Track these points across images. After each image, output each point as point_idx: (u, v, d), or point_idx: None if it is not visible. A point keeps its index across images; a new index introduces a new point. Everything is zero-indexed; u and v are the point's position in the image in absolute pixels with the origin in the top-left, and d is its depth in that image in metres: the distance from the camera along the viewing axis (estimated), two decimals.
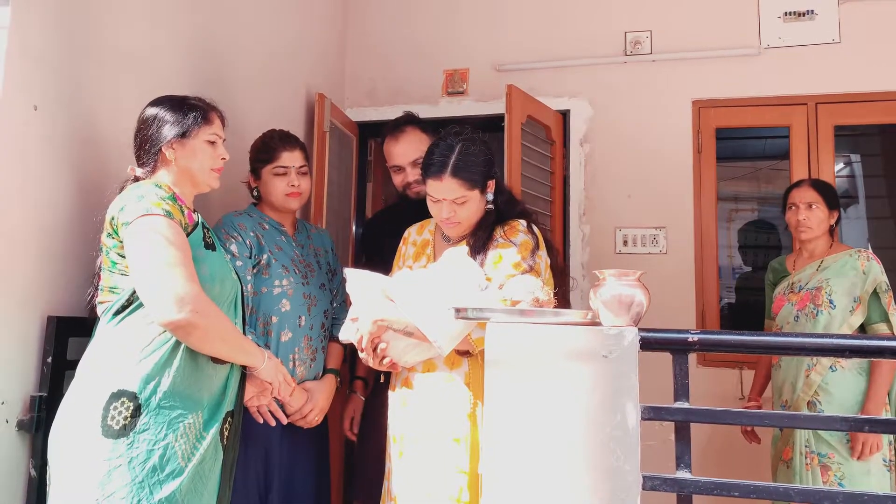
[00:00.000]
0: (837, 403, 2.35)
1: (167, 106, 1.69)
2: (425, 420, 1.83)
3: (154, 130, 1.67)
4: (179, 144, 1.67)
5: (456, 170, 1.82)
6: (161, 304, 1.47)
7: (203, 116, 1.70)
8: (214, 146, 1.73)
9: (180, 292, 1.46)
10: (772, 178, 5.32)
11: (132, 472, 1.43)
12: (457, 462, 1.76)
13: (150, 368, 1.49)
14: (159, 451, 1.46)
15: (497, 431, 1.27)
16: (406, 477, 1.83)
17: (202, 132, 1.70)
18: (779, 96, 3.28)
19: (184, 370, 1.53)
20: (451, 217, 1.86)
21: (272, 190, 2.16)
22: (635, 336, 1.22)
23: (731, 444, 2.81)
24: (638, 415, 1.21)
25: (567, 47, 3.52)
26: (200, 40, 2.43)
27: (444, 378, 1.82)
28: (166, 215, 1.53)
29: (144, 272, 1.49)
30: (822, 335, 2.12)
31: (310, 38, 3.37)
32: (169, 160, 1.67)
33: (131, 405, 1.46)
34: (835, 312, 2.40)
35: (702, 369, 3.18)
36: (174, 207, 1.57)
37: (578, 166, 3.46)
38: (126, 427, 1.45)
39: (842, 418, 1.23)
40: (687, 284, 3.26)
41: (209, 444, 1.54)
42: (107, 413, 1.45)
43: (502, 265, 1.81)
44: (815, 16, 3.27)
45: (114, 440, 1.44)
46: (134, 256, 1.51)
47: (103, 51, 1.97)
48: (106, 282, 1.58)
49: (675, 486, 1.20)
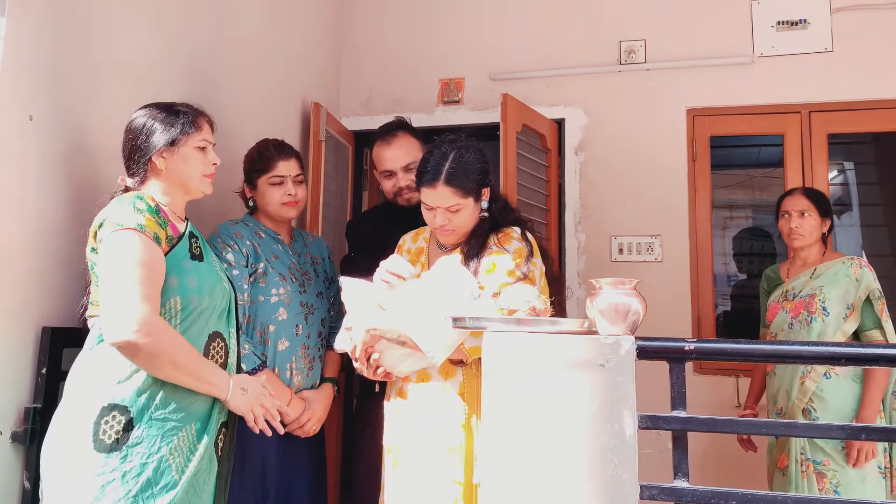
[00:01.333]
0: (832, 410, 2.35)
1: (154, 114, 1.67)
2: (420, 430, 1.82)
3: (143, 140, 1.64)
4: (169, 152, 1.65)
5: (450, 178, 1.81)
6: (109, 322, 1.45)
7: (192, 122, 1.68)
8: (205, 152, 1.71)
9: (129, 312, 1.43)
10: (766, 185, 5.34)
11: (126, 486, 1.41)
12: (451, 472, 1.75)
13: (140, 382, 1.47)
14: (153, 465, 1.44)
15: (494, 441, 1.27)
16: (401, 487, 1.82)
17: (191, 139, 1.67)
18: (772, 105, 3.30)
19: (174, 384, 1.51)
20: (446, 225, 1.85)
21: (269, 200, 2.15)
22: (632, 345, 1.22)
23: (727, 453, 2.81)
24: (635, 424, 1.21)
25: (562, 56, 3.54)
26: (196, 50, 2.43)
27: (438, 388, 1.82)
28: (138, 229, 1.50)
29: (104, 289, 1.48)
30: (818, 343, 2.12)
31: (306, 47, 3.38)
32: (160, 169, 1.65)
33: (123, 419, 1.44)
34: (828, 320, 2.41)
35: (698, 377, 3.18)
36: (151, 221, 1.54)
37: (574, 174, 3.47)
38: (119, 441, 1.43)
39: (839, 426, 1.23)
40: (682, 292, 3.27)
41: (203, 456, 1.53)
42: (98, 427, 1.43)
43: (496, 273, 1.81)
44: (808, 25, 3.30)
45: (106, 454, 1.42)
46: (100, 273, 1.50)
47: (99, 61, 1.97)
48: (94, 295, 1.57)
49: (672, 496, 1.20)
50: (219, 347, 1.65)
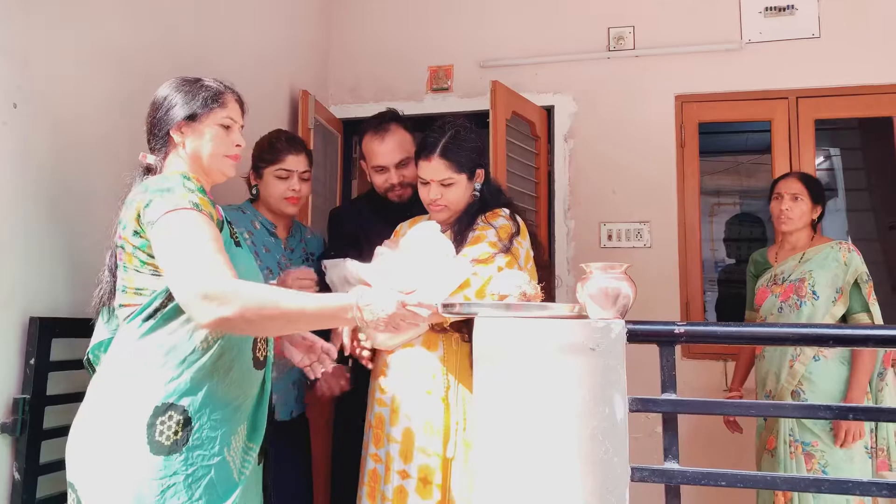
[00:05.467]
0: (821, 392, 2.39)
1: (178, 86, 1.56)
2: (399, 402, 1.86)
3: (163, 113, 1.53)
4: (188, 127, 1.52)
5: (445, 151, 1.87)
6: (191, 307, 1.31)
7: (215, 98, 1.55)
8: (229, 131, 1.57)
9: (206, 289, 1.28)
10: (754, 171, 5.37)
11: (189, 490, 1.32)
12: (428, 444, 1.80)
13: (196, 377, 1.37)
14: (215, 467, 1.36)
15: (487, 425, 1.28)
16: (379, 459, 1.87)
17: (214, 114, 1.54)
18: (760, 91, 3.31)
19: (231, 377, 1.41)
20: (438, 199, 1.90)
21: (272, 191, 2.13)
22: (622, 328, 1.23)
23: (715, 436, 2.84)
24: (626, 407, 1.22)
25: (551, 43, 3.53)
26: (183, 37, 2.41)
27: (419, 361, 1.86)
28: (195, 208, 1.38)
29: (173, 270, 1.33)
30: (805, 325, 2.15)
31: (293, 35, 3.35)
32: (177, 143, 1.52)
33: (181, 418, 1.34)
34: (818, 303, 2.44)
35: (687, 361, 3.21)
36: (204, 200, 1.42)
37: (563, 161, 3.47)
38: (177, 442, 1.33)
39: (826, 407, 1.25)
40: (671, 277, 3.29)
41: (255, 458, 1.46)
42: (153, 428, 1.33)
43: (480, 245, 1.84)
44: (796, 11, 3.31)
45: (165, 457, 1.32)
46: (162, 256, 1.35)
47: (85, 49, 1.95)
48: (129, 282, 1.43)
49: (663, 477, 1.22)
50: (262, 339, 1.55)
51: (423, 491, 1.77)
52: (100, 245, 1.98)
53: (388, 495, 1.80)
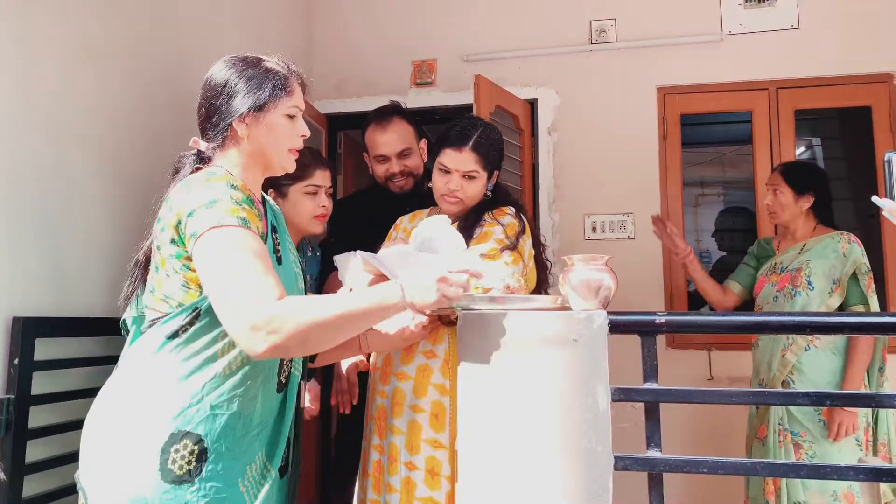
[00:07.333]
0: (809, 382, 2.39)
1: (241, 70, 1.41)
2: (403, 394, 1.85)
3: (223, 101, 1.39)
4: (254, 119, 1.38)
5: (477, 145, 1.89)
6: (242, 341, 1.21)
7: (283, 85, 1.41)
8: (294, 121, 1.44)
9: (252, 320, 1.19)
10: (736, 162, 5.41)
11: None
12: (435, 435, 1.80)
13: (216, 405, 1.28)
14: (228, 498, 1.29)
15: (471, 417, 1.29)
16: (384, 450, 1.87)
17: (281, 104, 1.40)
18: (741, 82, 3.35)
19: (254, 406, 1.33)
20: (457, 191, 1.90)
21: (301, 210, 1.99)
22: (604, 319, 1.25)
23: (706, 429, 2.88)
24: (608, 397, 1.23)
25: (534, 37, 3.54)
26: (163, 33, 2.39)
27: (424, 352, 1.85)
28: (242, 224, 1.26)
29: (218, 304, 1.24)
30: (785, 313, 2.17)
31: (276, 30, 3.34)
32: (241, 137, 1.39)
33: (195, 448, 1.26)
34: (812, 294, 2.44)
35: (671, 352, 3.24)
36: (251, 213, 1.30)
37: (547, 155, 3.49)
38: (191, 472, 1.26)
39: (804, 394, 1.28)
40: (655, 269, 3.32)
41: (273, 479, 1.38)
42: (166, 455, 1.25)
43: (487, 242, 1.85)
44: (775, 2, 3.33)
45: (176, 486, 1.24)
46: (207, 283, 1.25)
47: (67, 45, 1.93)
48: (158, 285, 1.34)
49: (645, 465, 1.23)
50: (287, 360, 1.45)
51: (432, 482, 1.78)
52: (83, 244, 1.96)
53: (394, 486, 1.81)
